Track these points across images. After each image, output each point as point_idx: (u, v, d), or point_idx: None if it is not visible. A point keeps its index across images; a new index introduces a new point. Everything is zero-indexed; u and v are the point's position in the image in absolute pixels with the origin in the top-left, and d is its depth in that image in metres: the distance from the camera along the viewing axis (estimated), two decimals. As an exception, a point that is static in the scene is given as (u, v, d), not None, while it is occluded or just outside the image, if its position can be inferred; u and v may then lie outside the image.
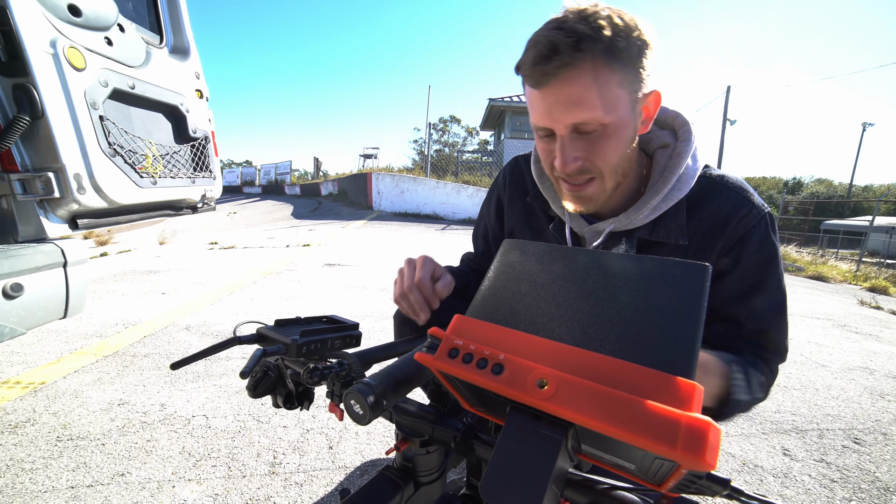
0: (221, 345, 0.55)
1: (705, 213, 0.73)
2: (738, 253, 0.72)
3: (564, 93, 0.60)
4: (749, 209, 0.71)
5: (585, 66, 0.58)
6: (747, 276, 0.72)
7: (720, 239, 0.72)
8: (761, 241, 0.71)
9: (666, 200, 0.72)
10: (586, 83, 0.59)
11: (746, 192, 0.73)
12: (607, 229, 0.76)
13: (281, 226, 10.01)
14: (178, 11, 1.92)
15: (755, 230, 0.71)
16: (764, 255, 0.72)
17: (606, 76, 0.59)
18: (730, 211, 0.71)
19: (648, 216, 0.73)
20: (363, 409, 0.46)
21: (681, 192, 0.72)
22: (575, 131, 0.64)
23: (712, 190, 0.73)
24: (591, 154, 0.65)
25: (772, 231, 0.72)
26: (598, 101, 0.60)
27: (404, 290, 0.75)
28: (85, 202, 1.33)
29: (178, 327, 2.78)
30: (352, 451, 1.57)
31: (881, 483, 1.58)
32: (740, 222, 0.71)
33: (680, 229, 0.73)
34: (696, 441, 0.28)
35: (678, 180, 0.72)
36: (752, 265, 0.72)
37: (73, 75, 1.28)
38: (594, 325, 0.38)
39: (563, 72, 0.59)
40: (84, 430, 1.63)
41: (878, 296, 6.02)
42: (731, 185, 0.74)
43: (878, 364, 2.92)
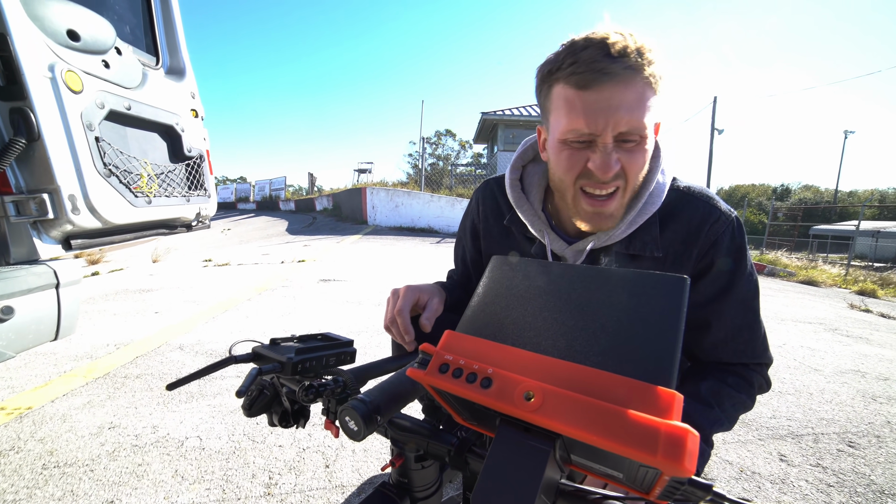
0: (217, 364, 0.56)
1: (678, 223, 0.76)
2: (711, 258, 0.75)
3: (622, 98, 0.60)
4: (717, 216, 0.75)
5: (642, 78, 0.60)
6: (718, 278, 0.76)
7: (695, 247, 0.75)
8: (729, 245, 0.75)
9: (640, 215, 0.75)
10: (640, 92, 0.61)
11: (713, 199, 0.77)
12: (588, 247, 0.78)
13: (276, 242, 9.98)
14: (174, 33, 1.96)
15: (724, 235, 0.75)
16: (732, 257, 0.75)
17: (650, 94, 0.62)
18: (700, 220, 0.75)
19: (625, 231, 0.76)
20: (358, 425, 0.47)
21: (653, 206, 0.75)
22: (616, 140, 0.64)
23: (682, 202, 0.77)
24: (628, 163, 0.65)
25: (738, 235, 0.76)
26: (645, 112, 0.62)
27: (386, 322, 0.80)
28: (79, 223, 1.34)
29: (172, 347, 2.74)
30: (349, 470, 1.55)
31: (877, 486, 1.59)
32: (711, 229, 0.74)
33: (654, 242, 0.76)
34: (676, 448, 0.30)
35: (650, 195, 0.75)
36: (722, 269, 0.75)
37: (71, 98, 1.30)
38: (578, 338, 0.40)
39: (626, 74, 0.59)
40: (72, 456, 1.59)
41: (867, 299, 6.11)
42: (697, 195, 0.77)
43: (869, 367, 2.96)
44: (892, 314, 4.96)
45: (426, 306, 0.80)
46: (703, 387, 0.73)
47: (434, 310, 0.79)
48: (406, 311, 0.77)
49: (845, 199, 36.36)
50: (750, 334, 0.77)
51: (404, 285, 0.81)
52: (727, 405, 0.72)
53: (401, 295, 0.79)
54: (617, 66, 0.58)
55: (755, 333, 0.77)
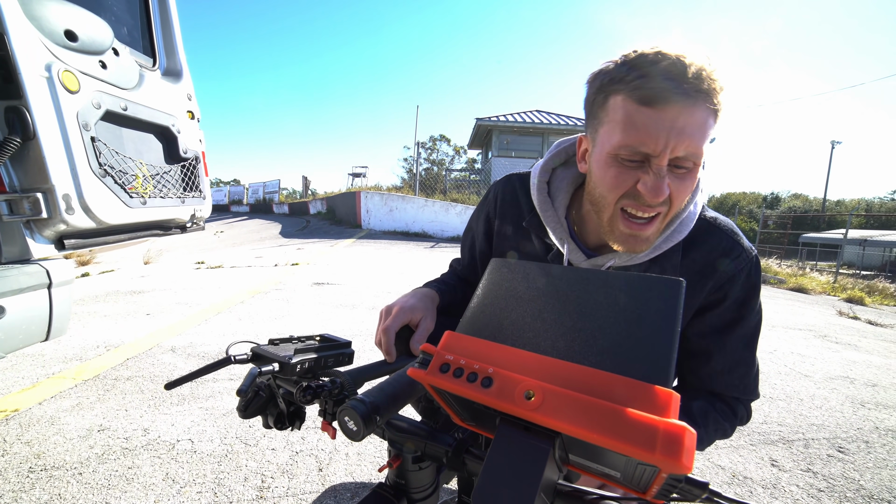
0: (215, 364, 0.56)
1: (698, 253, 0.75)
2: (725, 292, 0.75)
3: (690, 120, 0.56)
4: (739, 252, 0.74)
5: (710, 103, 0.57)
6: (727, 313, 0.76)
7: (710, 279, 0.74)
8: (745, 283, 0.75)
9: (667, 241, 0.72)
10: (705, 118, 0.57)
11: (737, 235, 0.76)
12: (607, 264, 0.75)
13: (269, 245, 9.92)
14: (171, 35, 1.96)
15: (742, 272, 0.74)
16: (745, 294, 0.75)
17: (711, 122, 0.59)
18: (721, 253, 0.74)
19: (648, 254, 0.73)
20: (357, 425, 0.47)
21: (681, 234, 0.73)
22: (670, 163, 0.60)
23: (706, 232, 0.76)
24: (676, 189, 0.62)
25: (755, 273, 0.76)
26: (705, 138, 0.59)
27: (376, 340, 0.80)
28: (73, 222, 1.32)
29: (163, 349, 2.71)
30: (342, 473, 1.54)
31: (865, 491, 1.61)
32: (731, 264, 0.74)
33: (674, 269, 0.75)
34: (673, 445, 0.30)
35: (680, 223, 0.72)
36: (733, 303, 0.75)
37: (67, 98, 1.29)
38: (577, 338, 0.41)
39: (697, 97, 0.56)
40: (60, 458, 1.56)
41: (855, 306, 6.21)
42: (722, 227, 0.76)
43: (857, 373, 3.00)
44: (879, 321, 5.05)
45: (418, 326, 0.79)
46: (693, 406, 0.76)
47: (425, 330, 0.79)
48: (392, 331, 0.76)
49: (833, 208, 37.02)
50: (746, 370, 0.78)
51: (398, 305, 0.80)
52: (711, 429, 0.75)
53: (392, 314, 0.78)
54: (689, 88, 0.55)
55: (750, 370, 0.79)
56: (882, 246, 21.13)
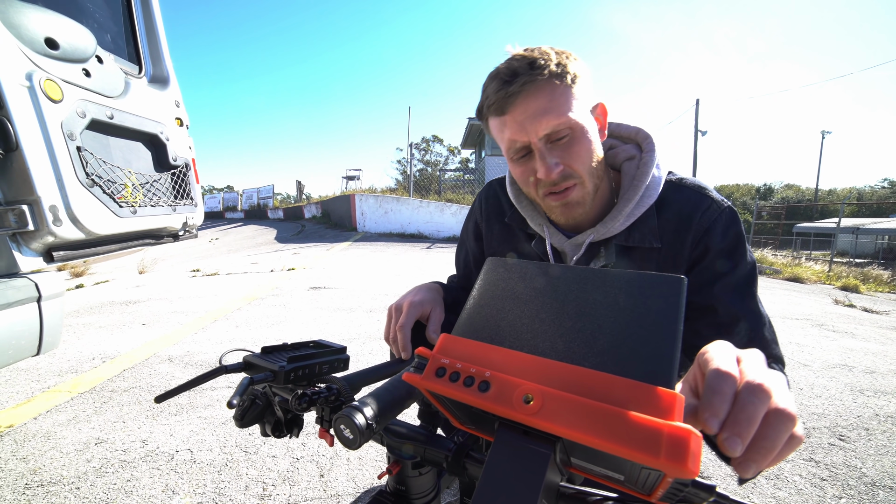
0: (207, 375, 0.54)
1: (670, 213, 0.78)
2: (706, 244, 0.77)
3: (532, 106, 0.68)
4: (709, 204, 0.77)
5: (543, 82, 0.67)
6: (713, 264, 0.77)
7: (688, 234, 0.77)
8: (724, 232, 0.76)
9: (638, 207, 0.78)
10: (548, 95, 0.68)
11: (705, 189, 0.79)
12: (587, 240, 0.80)
13: (265, 250, 9.87)
14: (156, 41, 1.93)
15: (717, 222, 0.76)
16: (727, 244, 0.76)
17: (561, 89, 0.68)
18: (692, 208, 0.77)
19: (624, 223, 0.78)
20: (353, 433, 0.46)
21: (650, 198, 0.78)
22: (548, 141, 0.71)
23: (674, 192, 0.80)
24: (568, 158, 0.71)
25: (733, 223, 0.77)
26: (562, 108, 0.68)
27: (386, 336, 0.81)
28: (61, 234, 1.30)
29: (160, 359, 2.68)
30: (344, 479, 1.52)
31: (868, 478, 1.61)
32: (703, 216, 0.76)
33: (653, 233, 0.78)
34: (679, 449, 0.29)
35: (647, 188, 0.78)
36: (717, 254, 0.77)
37: (50, 107, 1.27)
38: (576, 339, 0.39)
39: (526, 88, 0.67)
40: (56, 473, 1.54)
41: (850, 294, 6.26)
42: (690, 185, 0.80)
43: (855, 361, 3.02)
44: (874, 308, 5.08)
45: (429, 318, 0.82)
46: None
47: (437, 320, 0.81)
48: (408, 328, 0.79)
49: (825, 198, 37.31)
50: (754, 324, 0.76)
51: (407, 301, 0.82)
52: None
53: (404, 311, 0.80)
54: (515, 86, 0.67)
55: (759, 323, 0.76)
56: (874, 234, 21.34)
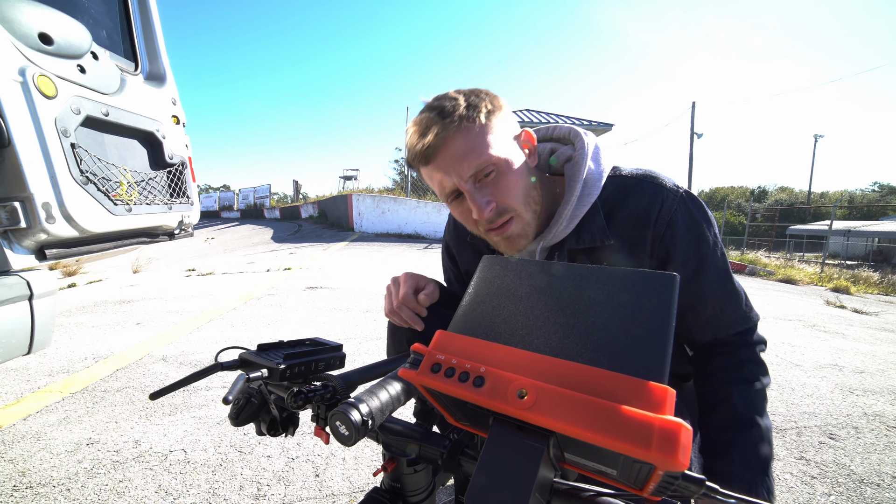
0: (202, 372, 0.54)
1: (625, 210, 0.77)
2: (672, 238, 0.75)
3: (450, 152, 0.70)
4: (664, 196, 0.75)
5: (455, 128, 0.69)
6: (688, 259, 0.76)
7: (647, 229, 0.75)
8: (687, 222, 0.75)
9: (579, 207, 0.76)
10: (462, 138, 0.69)
11: (657, 179, 0.77)
12: (538, 248, 0.80)
13: (261, 250, 9.82)
14: (153, 38, 1.92)
15: (677, 213, 0.75)
16: (693, 233, 0.75)
17: (476, 130, 0.69)
18: (647, 203, 0.75)
19: (568, 225, 0.77)
20: (349, 429, 0.46)
21: (590, 196, 0.76)
22: (476, 181, 0.72)
23: (625, 188, 0.78)
24: (499, 194, 0.72)
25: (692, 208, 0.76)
26: (480, 147, 0.69)
27: (393, 308, 0.84)
28: (54, 231, 1.29)
29: (154, 358, 2.66)
30: (339, 478, 1.52)
31: (856, 476, 1.64)
32: (661, 211, 0.75)
33: (601, 231, 0.77)
34: (669, 442, 0.30)
35: (585, 185, 0.76)
36: (687, 246, 0.75)
37: (44, 103, 1.26)
38: (570, 335, 0.40)
39: (441, 136, 0.69)
40: (46, 475, 1.52)
41: (841, 295, 6.34)
42: (640, 179, 0.78)
43: (845, 361, 3.05)
44: (864, 309, 5.15)
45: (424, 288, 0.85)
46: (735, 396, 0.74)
47: (431, 291, 0.84)
48: (411, 296, 0.82)
49: (818, 200, 37.73)
50: (735, 303, 0.78)
51: (403, 273, 0.87)
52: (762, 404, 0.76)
53: (402, 282, 0.84)
54: (430, 138, 0.69)
55: (738, 300, 0.78)
56: (865, 236, 21.61)
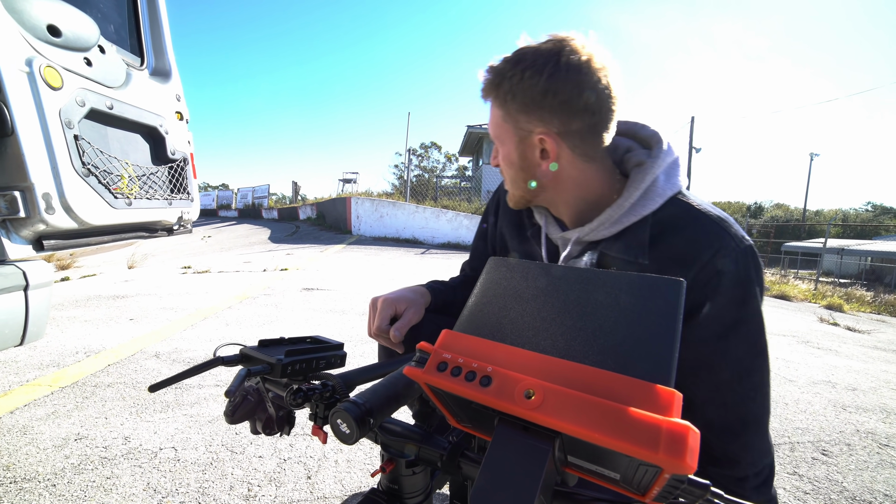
0: (203, 365, 0.54)
1: (675, 239, 0.68)
2: (715, 289, 0.64)
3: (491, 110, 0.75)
4: (724, 243, 0.65)
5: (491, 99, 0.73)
6: (723, 314, 0.65)
7: (689, 272, 0.65)
8: (740, 277, 0.64)
9: (628, 215, 0.70)
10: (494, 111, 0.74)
11: (725, 223, 0.67)
12: (573, 238, 0.77)
13: (258, 250, 9.78)
14: (160, 34, 1.93)
15: (732, 265, 0.64)
16: (742, 291, 0.64)
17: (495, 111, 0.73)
18: (701, 243, 0.66)
19: (609, 229, 0.72)
20: (350, 427, 0.46)
21: (645, 208, 0.70)
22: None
23: (686, 217, 0.69)
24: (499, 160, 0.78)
25: (747, 268, 0.65)
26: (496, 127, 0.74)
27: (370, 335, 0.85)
28: (53, 222, 1.28)
29: (147, 354, 2.64)
30: (331, 481, 1.50)
31: (849, 493, 1.64)
32: (714, 257, 0.64)
33: (641, 247, 0.69)
34: (677, 444, 0.30)
35: (643, 196, 0.70)
36: (729, 302, 0.64)
37: (49, 94, 1.26)
38: (578, 337, 0.40)
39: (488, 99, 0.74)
40: (31, 470, 1.49)
41: (835, 313, 6.37)
42: (707, 214, 0.68)
43: (838, 377, 3.07)
44: (857, 327, 5.18)
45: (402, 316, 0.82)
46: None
47: (407, 321, 0.82)
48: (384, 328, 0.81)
49: (813, 218, 38.13)
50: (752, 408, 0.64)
51: (381, 298, 0.83)
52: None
53: (378, 309, 0.82)
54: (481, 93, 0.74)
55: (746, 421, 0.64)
56: (858, 255, 21.82)
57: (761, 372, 0.66)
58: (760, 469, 0.67)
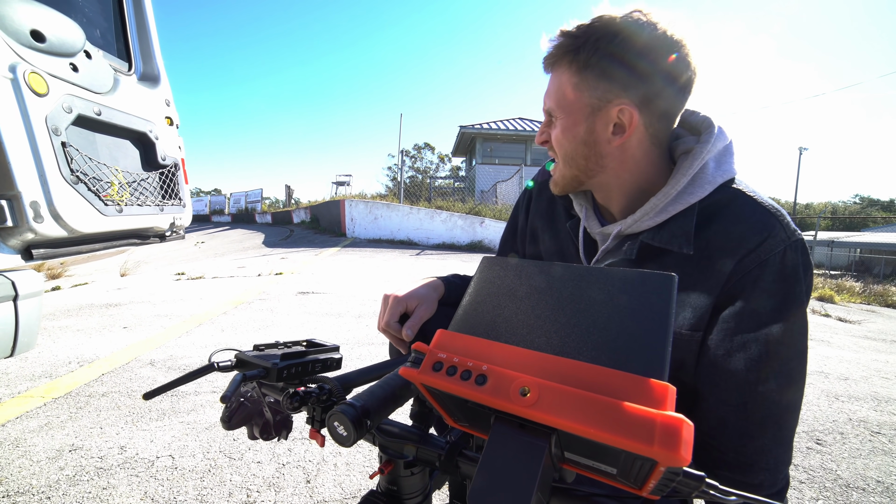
0: (198, 372, 0.53)
1: (722, 225, 0.64)
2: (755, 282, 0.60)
3: (552, 82, 0.71)
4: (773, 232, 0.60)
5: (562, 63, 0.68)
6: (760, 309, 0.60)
7: (731, 259, 0.61)
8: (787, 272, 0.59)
9: (674, 203, 0.66)
10: (558, 76, 0.69)
11: (779, 213, 0.63)
12: (614, 231, 0.73)
13: (252, 255, 9.72)
14: (147, 39, 1.91)
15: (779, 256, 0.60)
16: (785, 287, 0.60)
17: (575, 77, 0.66)
18: (748, 229, 0.62)
19: (654, 218, 0.67)
20: (347, 429, 0.46)
21: (692, 196, 0.65)
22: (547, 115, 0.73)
23: (736, 203, 0.65)
24: (551, 138, 0.74)
25: (802, 262, 0.60)
26: (560, 95, 0.69)
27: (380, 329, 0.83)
28: (42, 231, 1.27)
29: (142, 363, 2.61)
30: (331, 484, 1.50)
31: (842, 480, 1.66)
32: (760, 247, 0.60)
33: (686, 236, 0.64)
34: (671, 437, 0.30)
35: (691, 183, 0.65)
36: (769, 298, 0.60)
37: (34, 100, 1.24)
38: (572, 334, 0.40)
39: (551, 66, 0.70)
40: (25, 483, 1.47)
41: (826, 304, 6.47)
42: (759, 202, 0.64)
43: (830, 368, 3.11)
44: (848, 318, 5.26)
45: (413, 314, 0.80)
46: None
47: (419, 318, 0.80)
48: (394, 325, 0.79)
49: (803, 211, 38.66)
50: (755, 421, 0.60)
51: (393, 294, 0.81)
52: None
53: (389, 305, 0.79)
54: (545, 61, 0.70)
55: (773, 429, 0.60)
56: (848, 247, 22.15)
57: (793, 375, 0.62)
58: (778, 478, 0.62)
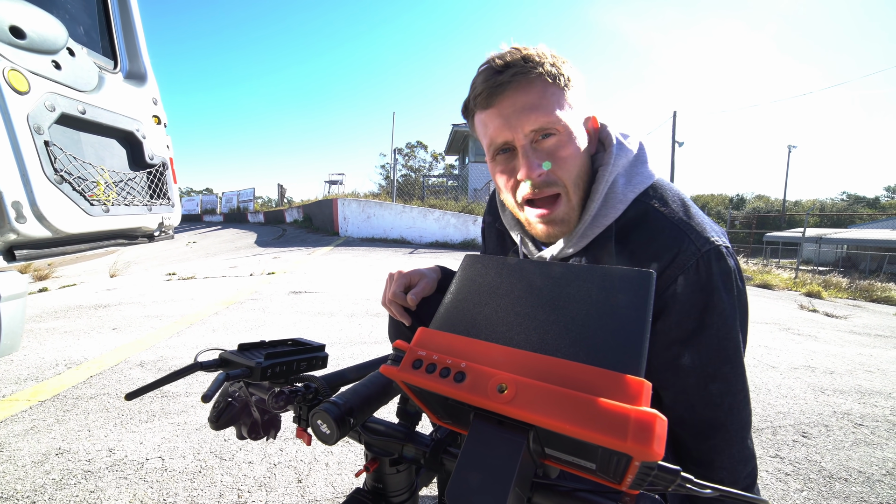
0: (181, 371, 0.53)
1: (635, 245, 0.65)
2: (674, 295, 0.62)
3: (521, 101, 0.62)
4: (683, 246, 0.61)
5: (535, 77, 0.62)
6: (685, 321, 0.62)
7: None
8: (700, 283, 0.61)
9: (592, 227, 0.67)
10: (539, 91, 0.62)
11: (687, 225, 0.63)
12: (549, 256, 0.75)
13: (244, 254, 9.63)
14: (133, 36, 1.89)
15: (691, 270, 0.61)
16: (703, 298, 0.61)
17: (553, 90, 0.63)
18: (661, 247, 0.62)
19: (578, 243, 0.69)
20: (330, 427, 0.46)
21: (607, 217, 0.66)
22: (534, 140, 0.64)
23: (647, 221, 0.65)
24: (554, 162, 0.64)
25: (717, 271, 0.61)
26: (552, 106, 0.63)
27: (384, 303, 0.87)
28: (25, 232, 1.25)
29: (131, 364, 2.58)
30: (322, 484, 1.49)
31: (826, 472, 1.70)
32: (672, 264, 0.61)
33: (609, 257, 0.66)
34: (644, 432, 0.31)
35: (604, 203, 0.66)
36: (690, 309, 0.61)
37: (14, 98, 1.22)
38: (550, 331, 0.41)
39: (517, 80, 0.62)
40: (9, 488, 1.45)
41: (814, 300, 6.57)
42: (668, 217, 0.64)
43: (817, 362, 3.17)
44: (834, 313, 5.35)
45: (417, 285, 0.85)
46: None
47: (421, 288, 0.84)
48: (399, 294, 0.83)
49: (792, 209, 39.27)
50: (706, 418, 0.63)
51: (398, 269, 0.88)
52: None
53: (395, 279, 0.85)
54: (506, 76, 0.62)
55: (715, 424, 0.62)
56: (835, 243, 22.52)
57: (728, 379, 0.64)
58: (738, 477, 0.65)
